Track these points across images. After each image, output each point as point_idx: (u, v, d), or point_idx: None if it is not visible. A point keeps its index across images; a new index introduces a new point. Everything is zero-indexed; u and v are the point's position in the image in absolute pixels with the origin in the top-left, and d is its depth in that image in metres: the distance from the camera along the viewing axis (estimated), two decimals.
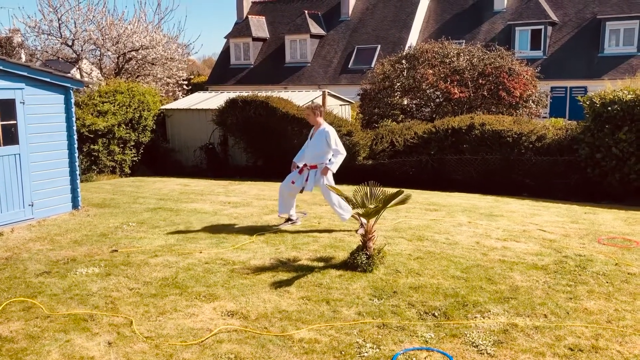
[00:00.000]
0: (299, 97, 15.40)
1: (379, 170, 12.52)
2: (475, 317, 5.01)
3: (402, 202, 6.25)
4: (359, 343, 4.56)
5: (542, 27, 26.15)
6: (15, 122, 8.32)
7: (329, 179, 7.84)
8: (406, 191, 6.34)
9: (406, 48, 23.84)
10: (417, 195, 10.54)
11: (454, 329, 4.78)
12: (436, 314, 5.09)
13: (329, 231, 8.02)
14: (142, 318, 5.05)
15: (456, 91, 15.79)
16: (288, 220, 8.29)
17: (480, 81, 16.11)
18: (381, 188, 6.39)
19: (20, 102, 8.37)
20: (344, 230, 8.01)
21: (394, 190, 6.25)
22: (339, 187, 6.82)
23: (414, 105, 17.25)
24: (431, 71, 16.29)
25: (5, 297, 5.54)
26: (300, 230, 8.06)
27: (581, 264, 6.45)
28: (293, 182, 7.94)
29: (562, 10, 26.85)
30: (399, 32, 28.10)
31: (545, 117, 19.69)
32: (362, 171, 12.50)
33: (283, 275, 6.11)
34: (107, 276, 6.15)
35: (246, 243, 7.43)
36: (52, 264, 6.60)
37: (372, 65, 24.93)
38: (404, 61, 17.37)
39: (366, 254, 6.23)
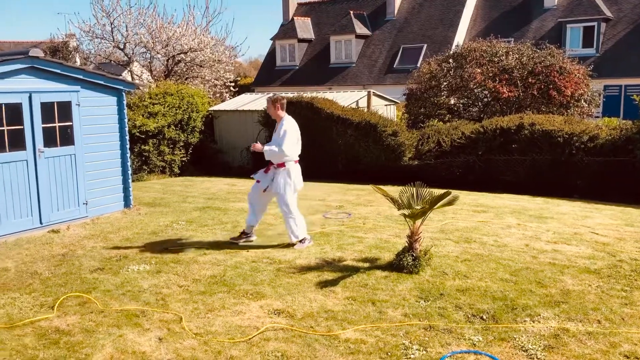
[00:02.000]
0: (344, 97, 15.41)
1: (425, 170, 12.40)
2: (524, 321, 4.90)
3: (449, 203, 6.18)
4: (406, 345, 4.53)
5: (595, 23, 25.32)
6: (71, 123, 8.64)
7: (287, 189, 7.18)
8: (453, 192, 6.27)
9: (453, 47, 23.49)
10: (464, 197, 10.39)
11: (502, 333, 4.70)
12: (484, 317, 5.01)
13: (374, 232, 8.00)
14: (191, 315, 5.17)
15: (505, 90, 15.48)
16: (243, 233, 7.60)
17: (530, 80, 15.74)
18: (428, 189, 6.34)
19: (76, 104, 8.68)
20: (389, 232, 7.97)
21: (441, 191, 6.19)
22: (384, 187, 6.78)
23: (461, 105, 17.00)
24: (479, 70, 16.02)
25: (62, 291, 5.77)
26: (345, 231, 8.07)
27: (637, 269, 6.22)
28: (258, 181, 7.40)
29: (617, 6, 25.92)
30: (446, 31, 27.74)
31: (598, 117, 19.06)
32: (408, 172, 12.41)
33: (328, 275, 6.13)
34: (158, 273, 6.32)
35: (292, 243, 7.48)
36: (106, 260, 6.83)
37: (418, 65, 24.69)
38: (451, 60, 17.15)
39: (412, 256, 6.19)
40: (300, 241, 7.26)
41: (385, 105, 16.48)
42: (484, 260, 6.59)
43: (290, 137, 7.06)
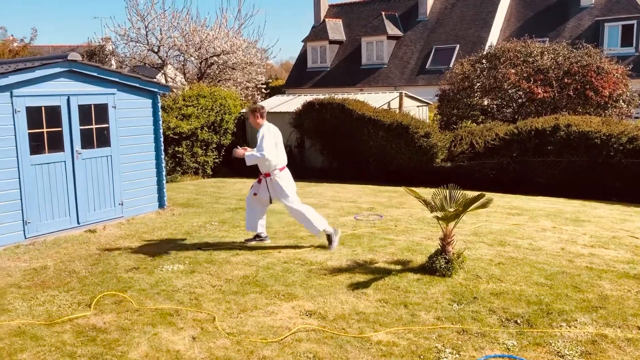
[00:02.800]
0: (376, 98, 15.36)
1: (458, 172, 12.26)
2: (560, 326, 4.80)
3: (483, 205, 6.10)
4: (438, 348, 4.49)
5: (634, 22, 24.66)
6: (107, 125, 8.82)
7: (290, 192, 7.31)
8: (487, 194, 6.18)
9: (486, 47, 23.18)
10: (498, 199, 10.23)
11: (537, 338, 4.61)
12: (519, 321, 4.93)
13: (406, 234, 7.95)
14: (224, 315, 5.22)
15: (540, 91, 15.19)
16: (256, 237, 7.66)
17: (566, 80, 15.41)
18: (461, 191, 6.27)
19: (112, 107, 8.87)
20: (421, 234, 7.91)
21: (475, 193, 6.12)
22: (416, 189, 6.73)
23: (494, 106, 16.76)
24: (513, 71, 15.77)
25: (99, 290, 5.90)
26: (376, 233, 8.04)
27: None
28: (255, 194, 7.42)
29: None
30: (479, 31, 27.41)
31: (637, 118, 18.55)
32: (440, 173, 12.30)
33: (360, 277, 6.12)
34: (191, 273, 6.40)
35: (323, 244, 7.49)
36: (140, 260, 6.95)
37: (451, 66, 24.44)
38: (484, 61, 16.93)
39: (445, 258, 6.13)
40: (328, 236, 7.26)
41: (418, 106, 16.37)
42: (518, 263, 6.49)
43: (267, 140, 7.00)
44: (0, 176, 7.52)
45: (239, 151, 7.13)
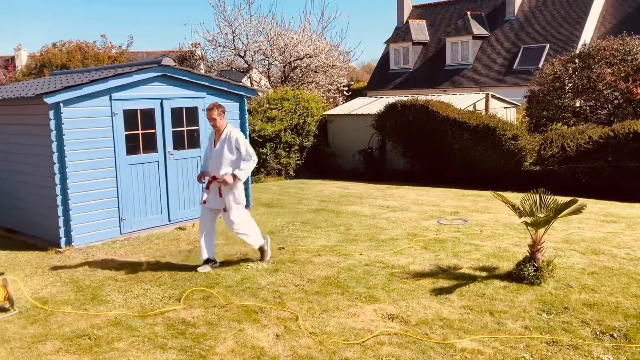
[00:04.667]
0: (460, 100, 15.02)
1: (547, 176, 11.74)
2: None
3: (576, 212, 5.82)
4: (526, 358, 4.32)
5: None
6: (197, 127, 9.19)
7: (240, 195, 6.63)
8: (579, 200, 5.89)
9: (579, 46, 22.06)
10: (592, 205, 9.70)
11: (636, 353, 4.33)
12: (615, 335, 4.65)
13: (492, 240, 7.72)
14: (306, 314, 5.29)
15: (639, 91, 14.27)
16: (209, 261, 6.76)
17: None
18: (552, 196, 6.01)
19: (202, 110, 9.22)
20: (508, 240, 7.65)
21: (566, 198, 5.84)
22: (502, 194, 6.50)
23: (587, 108, 15.92)
24: (609, 70, 14.90)
25: (188, 285, 6.15)
26: (460, 238, 7.86)
27: None
28: (204, 202, 6.65)
29: None
30: (571, 30, 26.12)
31: None
32: (528, 178, 11.83)
33: (443, 283, 6.00)
34: (275, 272, 6.53)
35: (405, 248, 7.42)
36: (226, 257, 7.17)
37: (540, 66, 23.46)
38: (577, 60, 16.11)
39: (534, 266, 5.89)
40: (262, 250, 6.83)
41: (505, 107, 15.84)
42: (614, 273, 6.12)
43: (249, 144, 6.64)
44: (99, 175, 8.02)
45: (228, 178, 6.41)
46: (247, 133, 10.04)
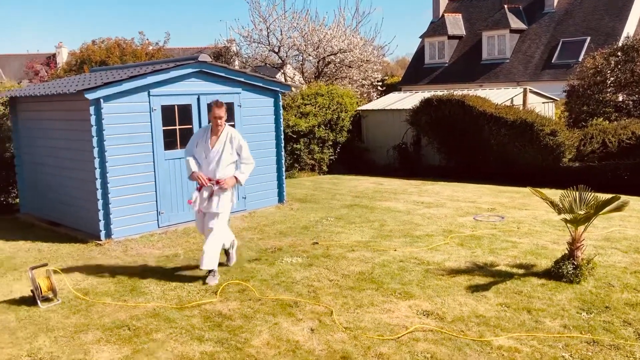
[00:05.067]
0: (497, 95, 14.77)
1: (587, 173, 11.46)
2: None
3: (618, 209, 5.67)
4: (565, 358, 4.24)
5: None
6: (233, 123, 9.28)
7: (226, 203, 6.11)
8: (621, 197, 5.73)
9: (622, 39, 21.42)
10: (634, 203, 9.42)
11: None
12: None
13: (530, 237, 7.58)
14: (341, 309, 5.30)
15: None
16: (210, 271, 6.21)
17: None
18: (592, 193, 5.87)
19: (238, 105, 9.31)
20: (546, 238, 7.50)
21: (607, 195, 5.70)
22: (541, 190, 6.38)
23: (630, 102, 15.45)
24: None
25: (224, 278, 6.23)
26: (497, 235, 7.75)
27: None
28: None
29: None
30: (613, 22, 25.37)
31: None
32: (567, 174, 11.56)
33: (480, 280, 5.93)
34: (309, 266, 6.56)
35: (440, 244, 7.36)
36: (262, 251, 7.24)
37: (580, 59, 22.89)
38: (619, 53, 15.66)
39: (573, 264, 5.77)
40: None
41: (543, 102, 15.51)
42: None
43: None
44: (139, 169, 8.18)
45: (229, 181, 6.05)
46: (282, 129, 10.09)
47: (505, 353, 4.35)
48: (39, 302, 5.55)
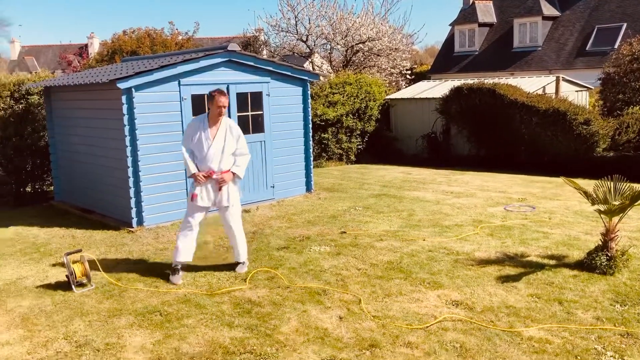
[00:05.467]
0: (529, 83, 14.50)
1: (622, 163, 11.18)
2: None
3: None
4: (598, 350, 4.17)
5: None
6: (261, 112, 9.32)
7: (236, 195, 6.00)
8: None
9: None
10: None
11: None
12: None
13: (562, 227, 7.46)
14: (369, 298, 5.30)
15: None
16: (174, 271, 6.00)
17: None
18: (627, 183, 5.74)
19: (266, 95, 9.33)
20: (578, 229, 7.37)
21: None
22: (575, 181, 6.26)
23: None
24: None
25: (253, 266, 6.29)
26: (528, 225, 7.64)
27: None
28: (194, 198, 5.85)
29: None
30: None
31: None
32: (601, 164, 11.32)
33: (510, 270, 5.87)
34: (337, 255, 6.58)
35: (470, 234, 7.29)
36: (290, 240, 7.28)
37: (616, 47, 22.28)
38: None
39: (607, 255, 5.66)
40: (242, 263, 6.19)
41: (576, 91, 15.18)
42: None
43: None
44: (169, 158, 8.27)
45: (226, 176, 5.89)
46: (310, 118, 10.09)
47: (535, 344, 4.30)
48: (73, 287, 5.70)
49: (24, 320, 5.05)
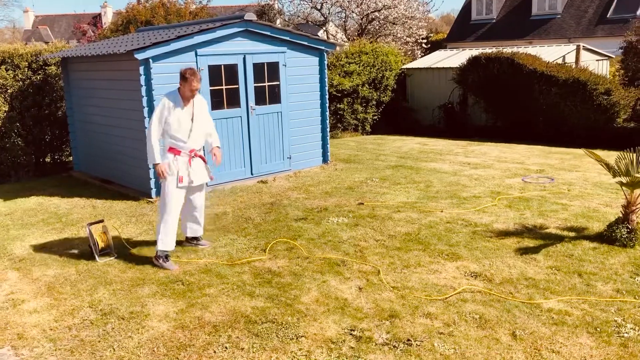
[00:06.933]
0: (549, 52, 14.23)
1: None
2: None
3: None
4: (617, 322, 4.19)
5: None
6: (278, 83, 9.27)
7: (207, 172, 5.89)
8: None
9: None
10: None
11: None
12: None
13: (581, 199, 7.41)
14: (388, 269, 5.35)
15: None
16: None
17: None
18: None
19: (283, 65, 9.27)
20: (598, 201, 7.32)
21: None
22: (595, 152, 6.19)
23: None
24: None
25: (272, 237, 6.35)
26: (547, 197, 7.60)
27: None
28: (181, 180, 5.58)
29: None
30: None
31: None
32: (621, 135, 11.16)
33: (529, 242, 5.87)
34: (355, 226, 6.61)
35: (488, 205, 7.28)
36: (308, 211, 7.32)
37: (638, 14, 21.75)
38: None
39: (627, 228, 5.63)
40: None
41: (597, 60, 14.89)
42: None
43: None
44: None
45: (219, 156, 5.86)
46: (326, 88, 10.03)
47: (555, 316, 4.33)
48: (96, 256, 5.80)
49: (49, 288, 5.17)
